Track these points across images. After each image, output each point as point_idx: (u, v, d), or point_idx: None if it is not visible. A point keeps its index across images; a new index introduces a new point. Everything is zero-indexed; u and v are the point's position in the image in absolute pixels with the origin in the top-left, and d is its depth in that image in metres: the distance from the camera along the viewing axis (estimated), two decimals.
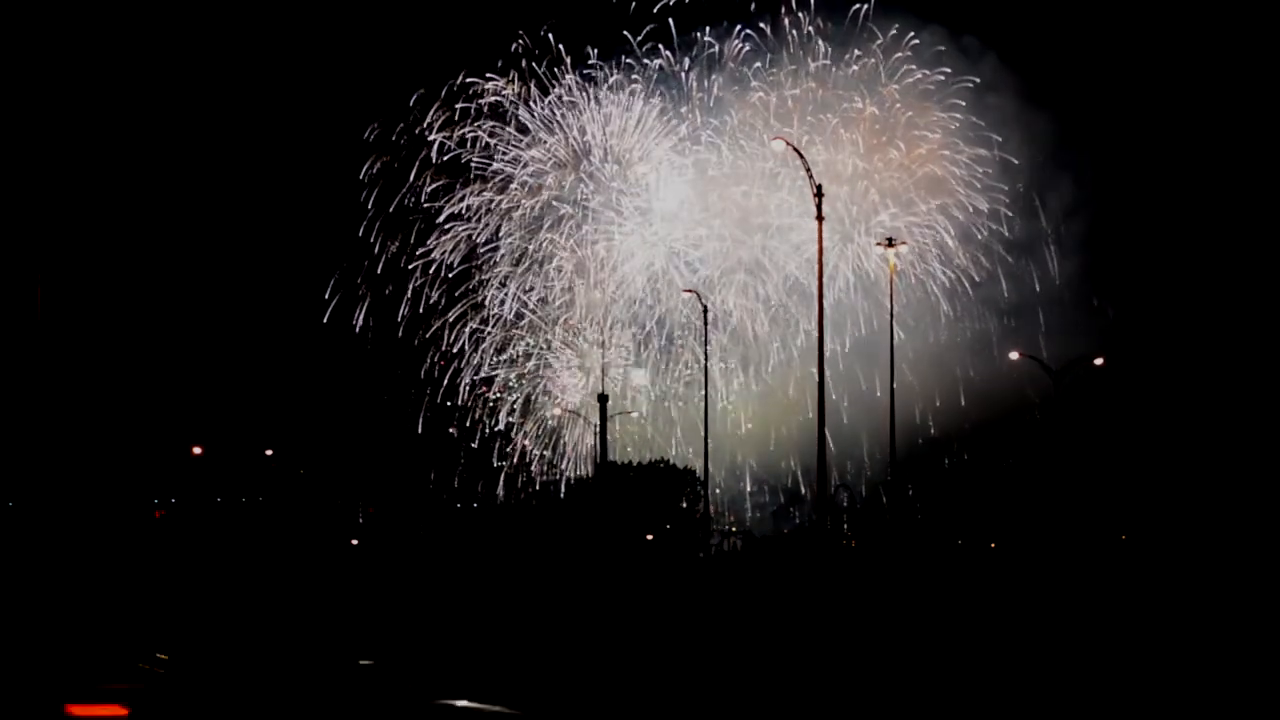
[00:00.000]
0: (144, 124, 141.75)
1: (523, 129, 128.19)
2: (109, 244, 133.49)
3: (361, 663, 36.42)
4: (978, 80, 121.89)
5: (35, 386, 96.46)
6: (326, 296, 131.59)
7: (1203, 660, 38.53)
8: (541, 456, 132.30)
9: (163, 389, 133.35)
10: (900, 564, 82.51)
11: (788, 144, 67.19)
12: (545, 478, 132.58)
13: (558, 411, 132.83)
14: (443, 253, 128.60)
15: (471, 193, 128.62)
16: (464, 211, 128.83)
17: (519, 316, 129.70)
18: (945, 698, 33.21)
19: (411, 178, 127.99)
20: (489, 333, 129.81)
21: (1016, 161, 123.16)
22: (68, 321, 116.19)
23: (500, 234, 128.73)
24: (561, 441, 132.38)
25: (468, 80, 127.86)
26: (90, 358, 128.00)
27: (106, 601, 58.46)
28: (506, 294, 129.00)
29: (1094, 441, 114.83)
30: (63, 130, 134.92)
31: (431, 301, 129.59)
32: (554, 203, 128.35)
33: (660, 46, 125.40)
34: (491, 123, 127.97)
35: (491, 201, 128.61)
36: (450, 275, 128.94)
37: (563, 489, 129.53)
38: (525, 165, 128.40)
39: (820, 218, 64.07)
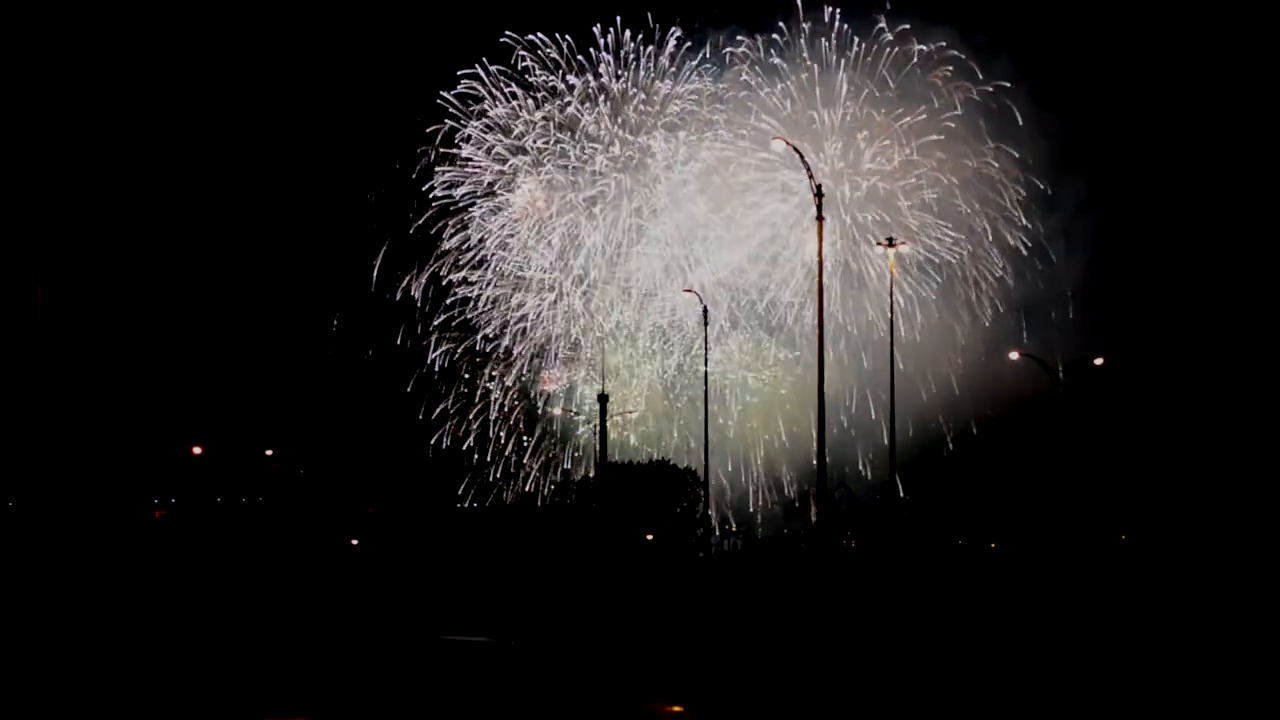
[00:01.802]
0: (144, 124, 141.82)
1: (521, 146, 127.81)
2: (109, 244, 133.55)
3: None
4: (984, 80, 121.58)
5: (35, 386, 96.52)
6: (334, 325, 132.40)
7: (1200, 658, 38.58)
8: (545, 462, 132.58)
9: (163, 389, 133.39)
10: (896, 563, 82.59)
11: (787, 143, 67.29)
12: (547, 478, 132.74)
13: (558, 412, 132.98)
14: (442, 274, 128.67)
15: (472, 214, 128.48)
16: (464, 234, 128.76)
17: (517, 338, 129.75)
18: (934, 692, 33.25)
19: (415, 205, 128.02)
20: (493, 353, 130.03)
21: (1029, 161, 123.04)
22: (68, 322, 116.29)
23: (496, 252, 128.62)
24: (567, 444, 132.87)
25: (465, 92, 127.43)
26: (90, 358, 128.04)
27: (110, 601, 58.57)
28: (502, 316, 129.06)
29: (1095, 441, 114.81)
30: (63, 130, 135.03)
31: (438, 322, 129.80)
32: (554, 217, 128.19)
33: (664, 52, 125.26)
34: (491, 138, 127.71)
35: (490, 221, 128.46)
36: (454, 295, 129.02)
37: (556, 487, 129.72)
38: (524, 182, 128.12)
39: (820, 218, 64.24)
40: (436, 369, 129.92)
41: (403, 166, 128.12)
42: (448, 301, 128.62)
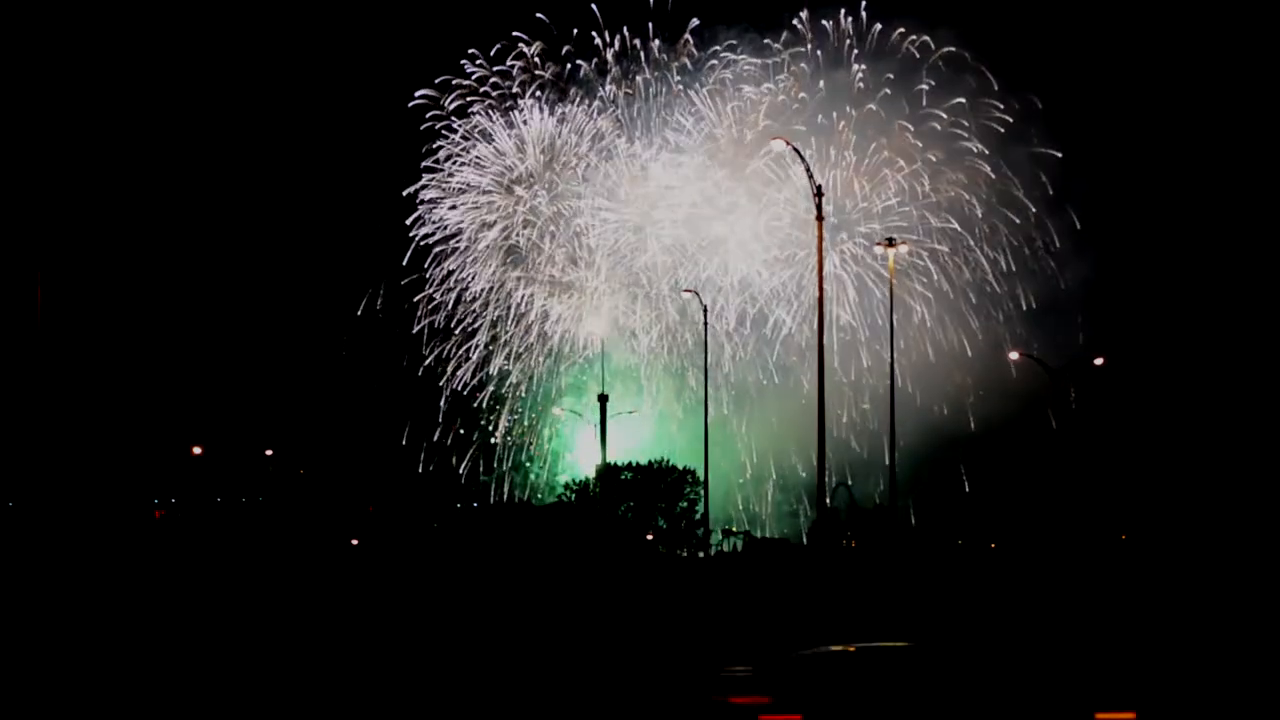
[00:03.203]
0: (145, 125, 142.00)
1: (524, 155, 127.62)
2: (109, 244, 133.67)
3: None
4: (995, 86, 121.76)
5: (35, 387, 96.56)
6: (343, 340, 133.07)
7: (1197, 657, 38.62)
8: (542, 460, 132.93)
9: (163, 389, 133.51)
10: (894, 563, 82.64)
11: (787, 143, 67.31)
12: (547, 478, 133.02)
13: (559, 413, 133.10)
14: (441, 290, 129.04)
15: (465, 229, 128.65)
16: (457, 252, 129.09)
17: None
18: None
19: (418, 216, 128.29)
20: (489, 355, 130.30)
21: (1032, 167, 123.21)
22: (68, 321, 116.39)
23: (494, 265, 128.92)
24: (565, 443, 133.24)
25: (462, 102, 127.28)
26: (90, 358, 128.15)
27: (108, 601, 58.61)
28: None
29: (1095, 441, 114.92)
30: (63, 130, 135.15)
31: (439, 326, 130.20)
32: (557, 230, 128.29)
33: (677, 58, 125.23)
34: (491, 150, 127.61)
35: (489, 232, 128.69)
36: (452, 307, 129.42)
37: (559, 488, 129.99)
38: (529, 193, 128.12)
39: (820, 217, 64.23)
40: (445, 395, 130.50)
41: (406, 180, 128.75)
42: (451, 320, 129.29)
